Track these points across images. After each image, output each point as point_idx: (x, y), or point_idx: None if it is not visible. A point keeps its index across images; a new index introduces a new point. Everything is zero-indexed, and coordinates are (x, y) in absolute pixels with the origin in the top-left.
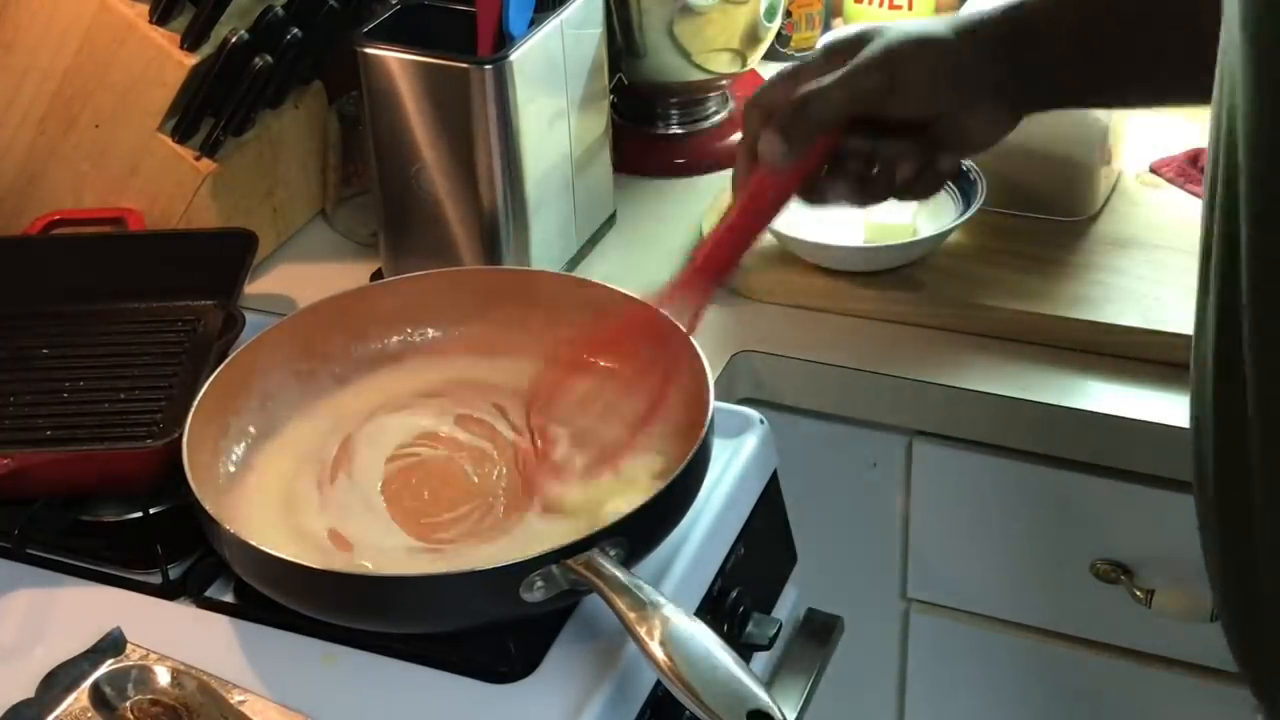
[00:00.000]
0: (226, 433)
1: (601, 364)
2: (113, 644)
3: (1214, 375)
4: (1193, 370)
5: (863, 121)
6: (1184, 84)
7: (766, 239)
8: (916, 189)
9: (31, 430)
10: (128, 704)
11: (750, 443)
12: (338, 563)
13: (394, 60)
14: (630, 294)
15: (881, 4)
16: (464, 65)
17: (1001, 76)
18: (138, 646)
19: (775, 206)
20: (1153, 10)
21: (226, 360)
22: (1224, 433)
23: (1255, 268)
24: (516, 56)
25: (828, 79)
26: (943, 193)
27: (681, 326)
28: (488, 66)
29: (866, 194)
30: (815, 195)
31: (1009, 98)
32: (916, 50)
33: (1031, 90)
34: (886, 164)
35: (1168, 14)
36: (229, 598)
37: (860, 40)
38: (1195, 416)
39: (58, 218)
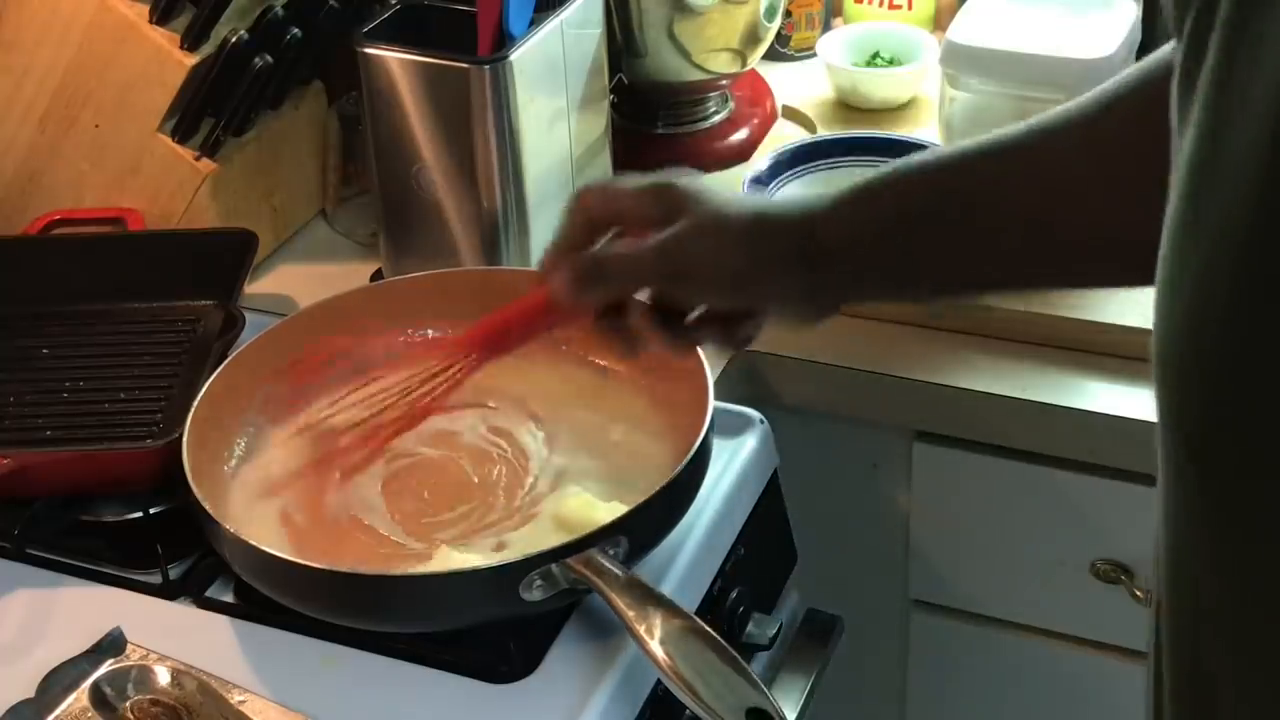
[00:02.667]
0: (227, 433)
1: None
2: (113, 644)
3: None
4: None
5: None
6: (986, 275)
7: None
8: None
9: (31, 430)
10: (128, 704)
11: (750, 443)
12: (338, 563)
13: (394, 60)
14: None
15: (881, 4)
16: (464, 65)
17: (794, 282)
18: (138, 646)
19: (554, 326)
20: (934, 212)
21: (227, 360)
22: None
23: None
24: (516, 56)
25: (625, 251)
26: None
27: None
28: (488, 66)
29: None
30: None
31: (805, 299)
32: (713, 247)
33: (828, 293)
34: (695, 324)
35: (946, 213)
36: (229, 598)
37: (682, 200)
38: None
39: (58, 218)
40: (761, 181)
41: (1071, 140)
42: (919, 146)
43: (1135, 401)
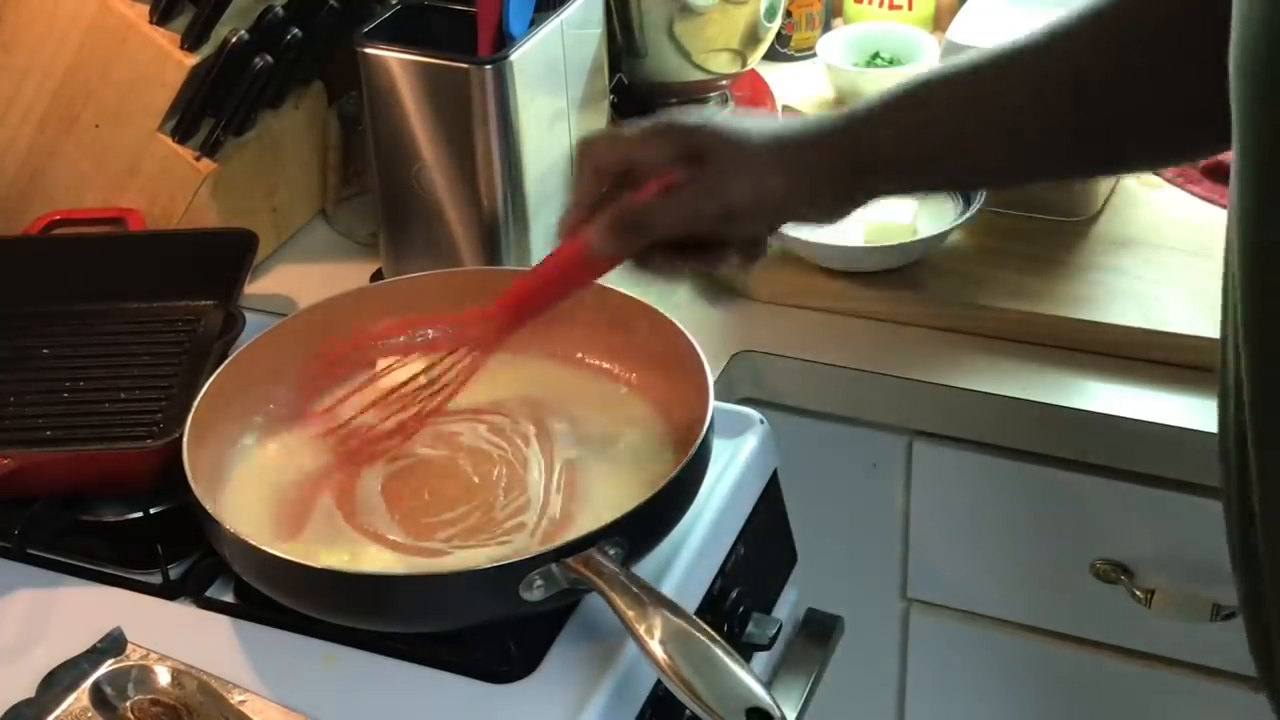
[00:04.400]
0: (227, 433)
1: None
2: (113, 644)
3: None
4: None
5: None
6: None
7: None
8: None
9: (31, 430)
10: (128, 704)
11: (750, 443)
12: (338, 563)
13: (394, 60)
14: (629, 294)
15: (881, 4)
16: (464, 65)
17: (835, 192)
18: (138, 646)
19: (588, 278)
20: (976, 120)
21: (227, 360)
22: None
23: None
24: (516, 56)
25: (666, 199)
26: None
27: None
28: (488, 66)
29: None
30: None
31: (843, 204)
32: (751, 178)
33: (856, 197)
34: (714, 249)
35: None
36: (229, 598)
37: (697, 137)
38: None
39: (58, 218)
40: None
41: (1087, 34)
42: None
43: (1134, 401)
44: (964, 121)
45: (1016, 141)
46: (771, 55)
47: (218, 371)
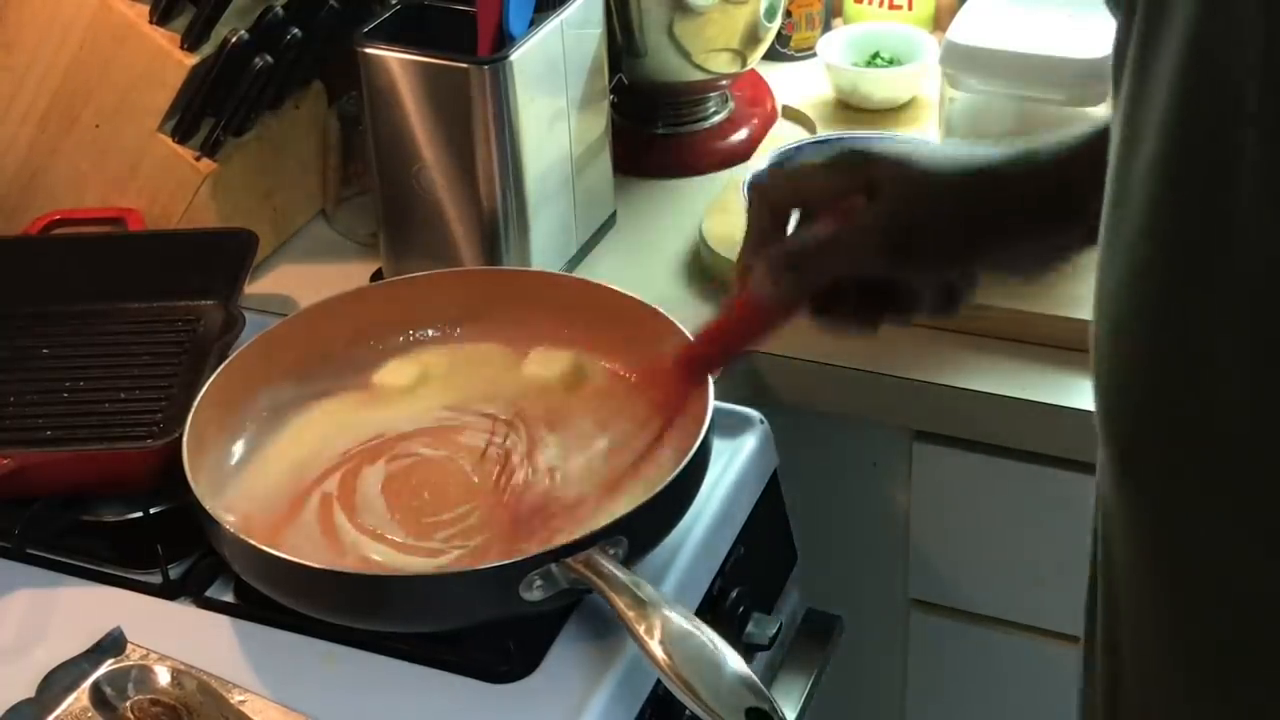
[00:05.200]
0: (226, 432)
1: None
2: (113, 644)
3: None
4: None
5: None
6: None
7: None
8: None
9: (31, 430)
10: (128, 704)
11: (750, 443)
12: (338, 562)
13: (394, 60)
14: (630, 294)
15: (881, 4)
16: (464, 65)
17: (1035, 239)
18: (138, 646)
19: (765, 329)
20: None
21: (227, 360)
22: None
23: None
24: (516, 56)
25: (830, 238)
26: None
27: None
28: (488, 66)
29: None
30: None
31: (1046, 258)
32: (940, 218)
33: (1065, 252)
34: (906, 295)
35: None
36: (229, 598)
37: (876, 168)
38: None
39: (58, 217)
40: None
41: None
42: None
43: None
44: None
45: None
46: (771, 55)
47: (218, 371)
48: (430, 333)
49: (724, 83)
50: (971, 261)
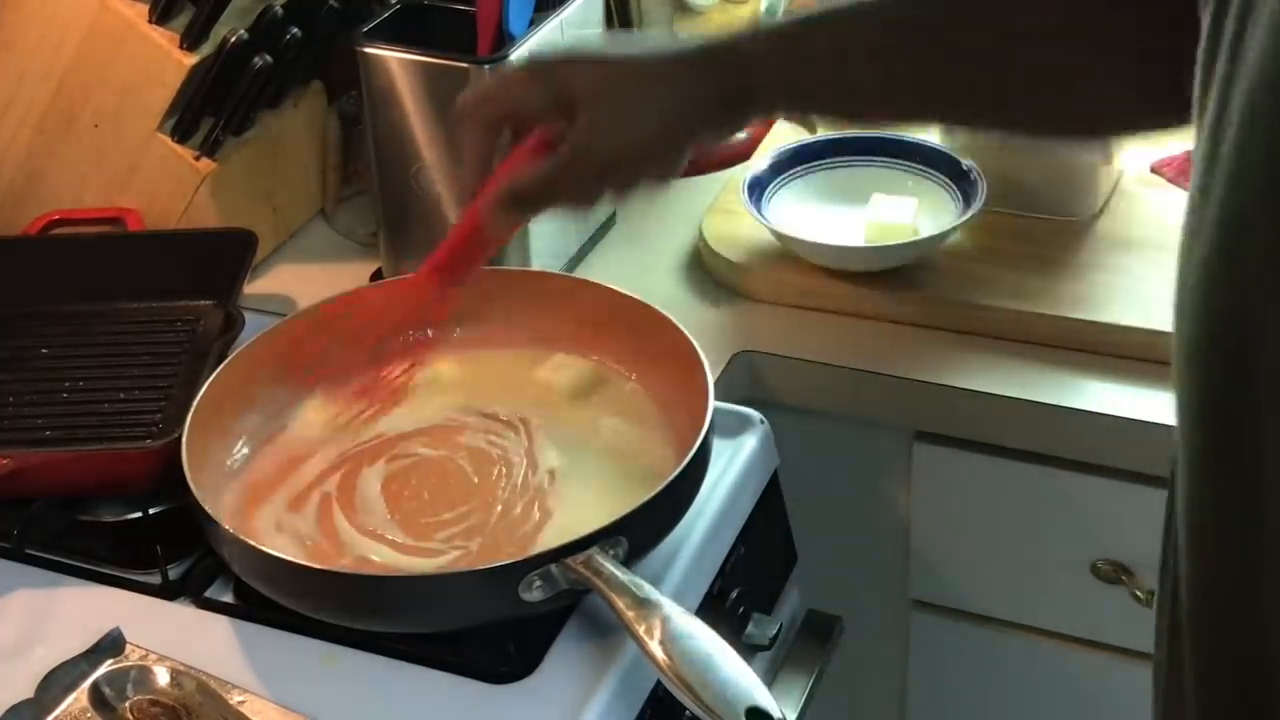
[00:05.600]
0: (226, 432)
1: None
2: (112, 644)
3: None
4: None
5: None
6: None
7: (766, 237)
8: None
9: (31, 430)
10: (127, 704)
11: (750, 443)
12: (337, 563)
13: (394, 60)
14: (630, 294)
15: None
16: (464, 65)
17: (716, 111)
18: (137, 646)
19: (497, 242)
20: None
21: (226, 360)
22: None
23: None
24: (516, 56)
25: (546, 170)
26: (943, 192)
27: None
28: (488, 66)
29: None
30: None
31: (735, 120)
32: (633, 133)
33: (751, 112)
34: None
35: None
36: (229, 598)
37: (571, 83)
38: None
39: (57, 218)
40: (762, 182)
41: None
42: (920, 146)
43: (1135, 401)
44: (865, 39)
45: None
46: None
47: (217, 371)
48: (430, 332)
49: None
50: (668, 159)
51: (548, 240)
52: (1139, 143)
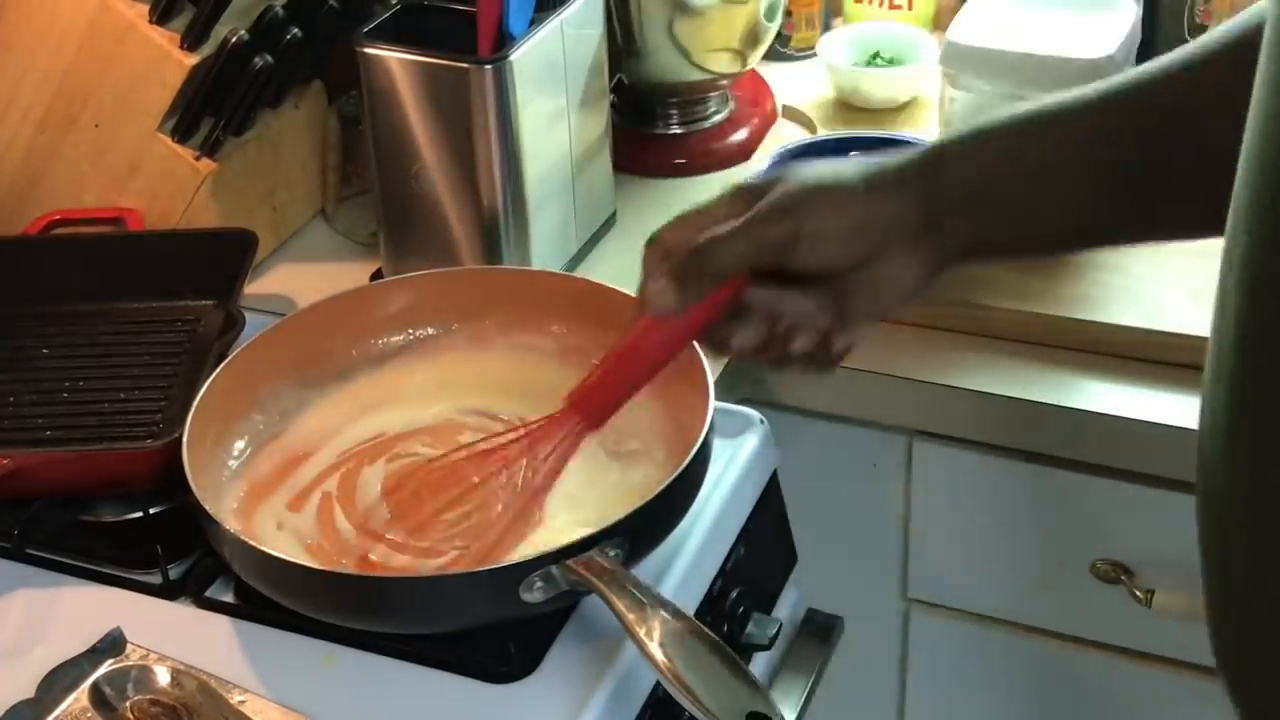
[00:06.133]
0: (226, 432)
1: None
2: (113, 644)
3: (1232, 353)
4: (1210, 351)
5: (768, 274)
6: (1106, 229)
7: None
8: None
9: (31, 430)
10: (127, 704)
11: (750, 443)
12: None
13: (394, 60)
14: (630, 294)
15: (881, 4)
16: (464, 65)
17: (911, 228)
18: (138, 646)
19: (664, 355)
20: (1068, 155)
21: (226, 360)
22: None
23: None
24: (516, 56)
25: (727, 226)
26: None
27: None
28: (488, 66)
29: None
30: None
31: (920, 251)
32: (822, 198)
33: (945, 243)
34: (789, 324)
35: (1080, 159)
36: (229, 598)
37: (768, 187)
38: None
39: (58, 218)
40: None
41: (1171, 89)
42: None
43: (1134, 401)
44: (1040, 151)
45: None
46: (771, 55)
47: (217, 371)
48: (430, 332)
49: (724, 83)
50: (858, 250)
51: (548, 240)
52: None
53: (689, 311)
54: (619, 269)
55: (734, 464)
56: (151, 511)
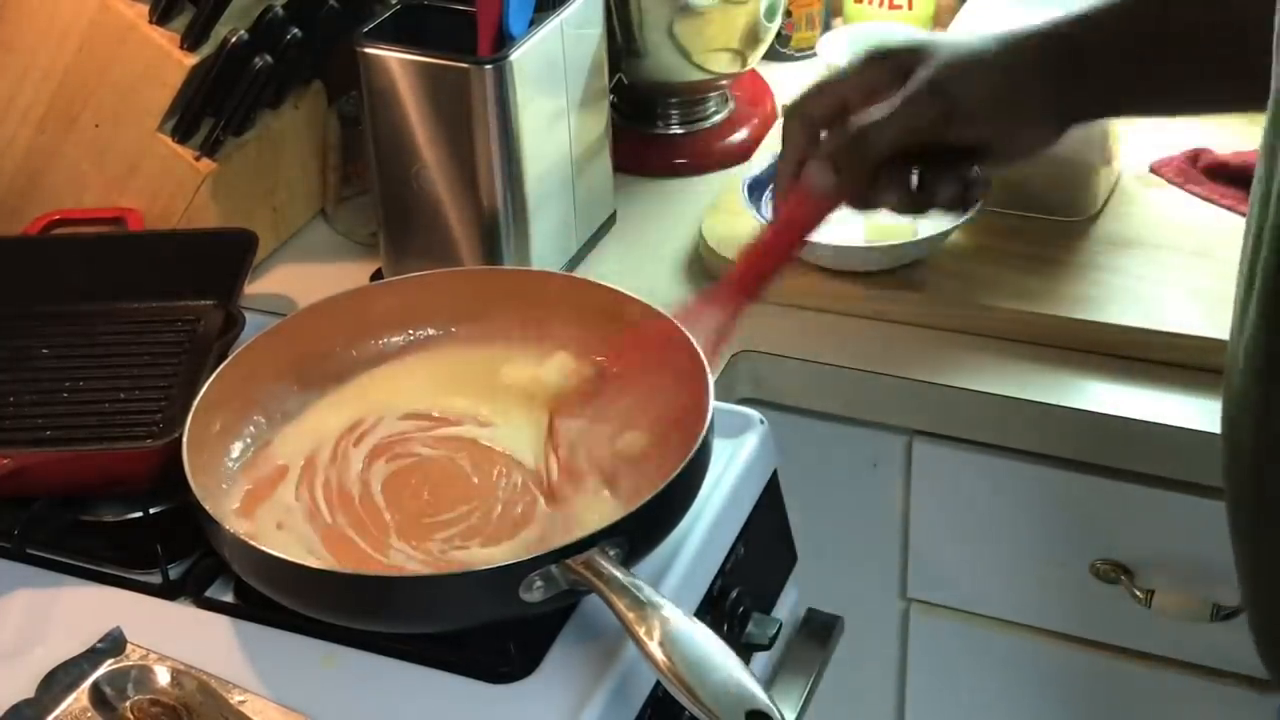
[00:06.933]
0: (226, 432)
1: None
2: (113, 644)
3: (1259, 374)
4: (1229, 368)
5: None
6: (1231, 96)
7: None
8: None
9: (31, 430)
10: (128, 704)
11: (750, 443)
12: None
13: (394, 60)
14: (630, 294)
15: (881, 4)
16: (464, 65)
17: (1051, 94)
18: (138, 646)
19: (813, 226)
20: (1200, 27)
21: (226, 360)
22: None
23: None
24: (516, 56)
25: (882, 110)
26: None
27: (699, 346)
28: (488, 66)
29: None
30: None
31: (1057, 113)
32: (970, 75)
33: (1079, 105)
34: (930, 183)
35: (1214, 30)
36: (229, 598)
37: (905, 56)
38: (1230, 415)
39: (58, 217)
40: (761, 182)
41: None
42: None
43: (1134, 401)
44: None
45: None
46: (771, 55)
47: (217, 371)
48: (430, 332)
49: (724, 83)
50: (1003, 119)
51: (548, 240)
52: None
53: (844, 191)
54: (619, 269)
55: (734, 464)
56: (151, 511)
